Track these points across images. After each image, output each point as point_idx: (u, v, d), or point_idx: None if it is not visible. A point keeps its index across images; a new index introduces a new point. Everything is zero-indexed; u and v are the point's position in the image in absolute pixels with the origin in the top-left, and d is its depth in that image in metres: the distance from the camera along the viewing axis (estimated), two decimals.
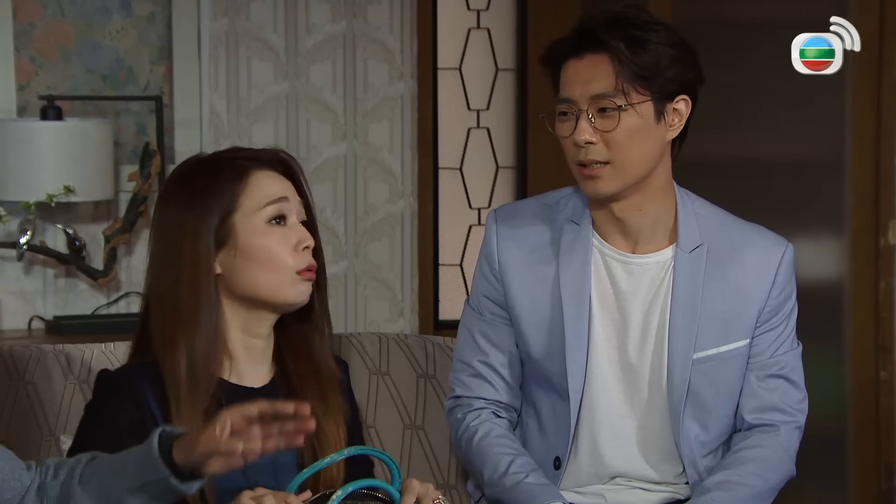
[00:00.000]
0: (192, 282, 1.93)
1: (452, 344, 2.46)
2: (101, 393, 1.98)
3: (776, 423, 2.20)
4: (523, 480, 2.13)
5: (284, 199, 1.98)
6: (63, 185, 3.43)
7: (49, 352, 2.33)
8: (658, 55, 2.09)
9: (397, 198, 3.86)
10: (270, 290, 1.96)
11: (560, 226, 2.20)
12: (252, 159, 1.99)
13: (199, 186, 1.96)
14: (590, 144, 2.10)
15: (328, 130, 3.80)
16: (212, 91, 3.70)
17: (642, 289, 2.17)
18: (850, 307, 3.96)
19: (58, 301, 3.61)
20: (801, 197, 3.95)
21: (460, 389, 2.25)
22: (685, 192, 2.22)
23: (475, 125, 3.98)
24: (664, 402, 2.16)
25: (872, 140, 3.94)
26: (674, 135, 2.15)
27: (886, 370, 4.01)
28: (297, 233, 1.97)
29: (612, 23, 2.10)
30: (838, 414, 3.97)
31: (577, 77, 2.11)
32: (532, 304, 2.19)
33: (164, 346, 1.94)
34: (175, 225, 1.96)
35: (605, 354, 2.17)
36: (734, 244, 2.19)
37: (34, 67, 3.61)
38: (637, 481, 2.19)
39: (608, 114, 2.09)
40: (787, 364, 2.21)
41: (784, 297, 2.21)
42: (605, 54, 2.09)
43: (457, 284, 3.98)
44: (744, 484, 2.15)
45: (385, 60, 3.83)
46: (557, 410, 2.18)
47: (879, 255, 3.97)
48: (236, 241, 1.95)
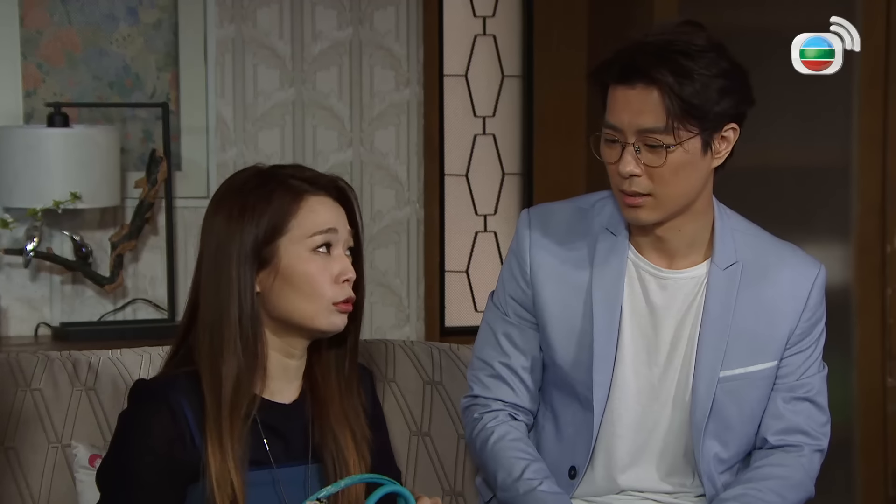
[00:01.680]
0: (239, 298, 1.93)
1: (459, 350, 2.46)
2: (136, 403, 1.96)
3: (800, 445, 2.18)
4: (537, 488, 2.12)
5: (333, 231, 1.97)
6: (70, 191, 3.43)
7: (56, 358, 2.33)
8: (708, 87, 2.03)
9: (403, 204, 3.86)
10: (305, 317, 1.96)
11: (596, 233, 2.17)
12: (309, 182, 1.99)
13: (252, 201, 1.95)
14: (634, 177, 2.07)
15: (334, 137, 3.81)
16: (218, 98, 3.70)
17: (676, 304, 2.15)
18: (857, 314, 3.96)
19: (64, 308, 3.61)
20: (809, 204, 3.95)
21: (478, 389, 2.23)
22: (723, 208, 2.19)
23: (481, 132, 3.98)
24: (686, 417, 2.14)
25: (879, 148, 3.94)
26: (720, 162, 2.11)
27: (893, 377, 4.00)
28: (340, 264, 1.97)
29: (659, 53, 2.04)
30: (845, 421, 3.96)
31: (626, 106, 2.05)
32: (562, 312, 2.17)
33: (212, 360, 1.93)
34: (223, 235, 1.96)
35: (633, 368, 2.15)
36: (768, 263, 2.17)
37: (41, 74, 3.61)
38: (650, 493, 2.18)
39: (655, 150, 2.05)
40: (814, 387, 2.19)
41: (815, 320, 2.19)
42: (656, 88, 2.03)
43: (463, 291, 3.98)
44: (762, 499, 2.13)
45: (391, 67, 3.83)
46: (578, 419, 2.16)
47: (886, 262, 3.96)
48: (278, 265, 1.95)
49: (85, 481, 2.24)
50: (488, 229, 3.99)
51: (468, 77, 3.96)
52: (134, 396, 1.97)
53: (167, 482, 1.90)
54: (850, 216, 3.97)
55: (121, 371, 2.34)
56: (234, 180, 2.00)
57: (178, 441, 1.89)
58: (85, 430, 2.28)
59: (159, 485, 1.90)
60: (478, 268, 3.97)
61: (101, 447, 2.26)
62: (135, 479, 1.90)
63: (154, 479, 1.90)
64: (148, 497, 1.90)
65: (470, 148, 3.97)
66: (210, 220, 1.98)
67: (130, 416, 1.95)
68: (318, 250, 1.96)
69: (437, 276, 3.91)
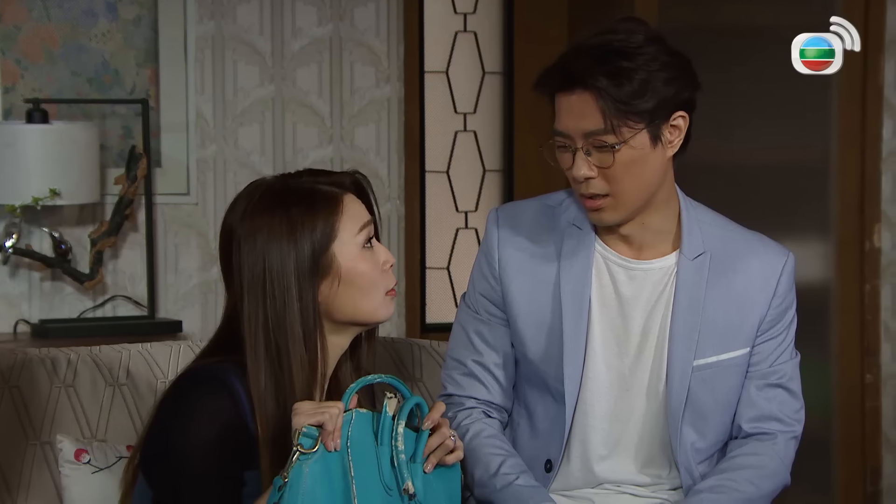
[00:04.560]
0: (302, 314, 1.95)
1: (439, 347, 2.46)
2: (195, 387, 1.94)
3: (773, 432, 2.19)
4: (514, 482, 2.13)
5: (370, 223, 2.02)
6: (49, 188, 3.42)
7: (34, 355, 2.32)
8: (648, 82, 2.06)
9: (384, 201, 3.86)
10: (368, 312, 2.01)
11: (563, 229, 2.19)
12: (336, 185, 2.02)
13: (296, 215, 1.96)
14: (589, 179, 2.10)
15: (314, 134, 3.80)
16: (198, 94, 3.70)
17: (644, 294, 2.17)
18: (836, 311, 3.98)
19: (43, 304, 3.60)
20: (789, 202, 3.96)
21: (452, 388, 2.24)
22: (689, 200, 2.21)
23: (462, 128, 3.98)
24: (661, 408, 2.16)
25: (858, 146, 3.96)
26: (674, 151, 2.13)
27: (872, 373, 4.02)
28: (382, 253, 2.03)
29: (596, 57, 2.06)
30: (824, 417, 3.98)
31: (570, 113, 2.09)
32: (531, 307, 2.19)
33: (276, 379, 1.94)
34: (274, 254, 1.96)
35: (603, 359, 2.17)
36: (737, 252, 2.19)
37: (19, 70, 3.60)
38: (627, 486, 2.19)
39: (603, 150, 2.08)
40: (787, 373, 2.21)
41: (785, 306, 2.20)
42: (590, 93, 2.06)
43: (444, 288, 3.98)
44: (736, 489, 2.14)
45: (371, 64, 3.82)
46: (551, 413, 2.18)
47: (865, 259, 3.98)
48: (339, 270, 1.98)
49: (70, 476, 2.23)
50: (469, 226, 3.99)
51: (449, 73, 3.96)
52: (189, 382, 1.95)
53: (226, 468, 1.91)
54: (829, 214, 3.98)
55: (100, 368, 2.33)
56: (258, 199, 1.99)
57: (238, 426, 1.91)
58: (64, 427, 2.28)
59: (220, 471, 1.91)
60: (459, 264, 3.97)
61: (84, 442, 2.25)
62: (195, 467, 1.90)
63: (214, 466, 1.90)
64: (209, 484, 1.90)
65: (451, 144, 3.97)
66: (249, 243, 1.96)
67: (185, 401, 1.94)
68: (365, 246, 2.00)
69: (417, 272, 3.92)
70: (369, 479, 1.88)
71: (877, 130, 3.97)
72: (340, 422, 1.86)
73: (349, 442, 1.87)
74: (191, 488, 1.90)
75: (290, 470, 1.83)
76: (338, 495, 1.85)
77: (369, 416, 1.91)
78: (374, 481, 1.89)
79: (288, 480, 1.83)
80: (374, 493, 1.88)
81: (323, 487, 1.84)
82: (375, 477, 1.89)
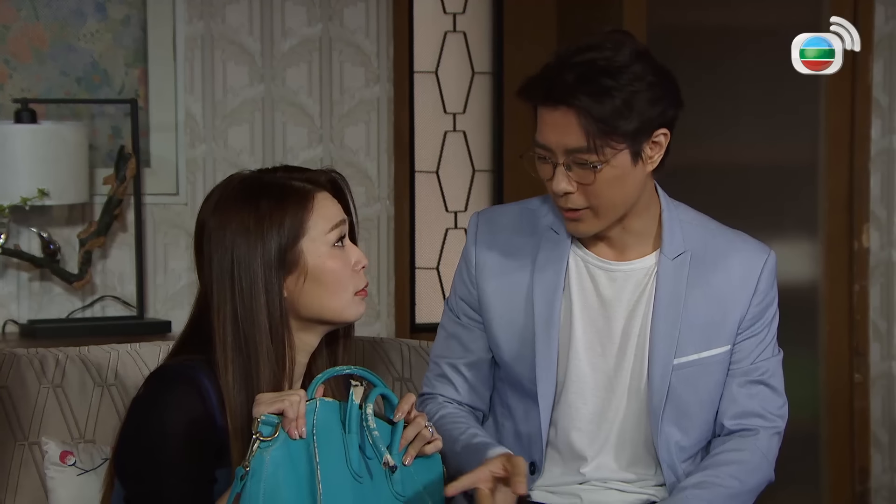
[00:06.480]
0: (268, 307, 1.95)
1: (428, 347, 2.47)
2: (162, 384, 1.95)
3: (756, 428, 2.20)
4: (472, 441, 2.14)
5: (343, 223, 2.02)
6: (37, 188, 3.41)
7: (23, 356, 2.32)
8: (632, 103, 2.04)
9: (374, 201, 3.86)
10: (335, 311, 2.00)
11: (541, 233, 2.20)
12: (310, 181, 2.02)
13: (265, 209, 1.97)
14: (568, 194, 2.10)
15: (304, 134, 3.80)
16: (187, 94, 3.69)
17: (626, 295, 2.17)
18: (825, 311, 3.98)
19: (32, 305, 3.60)
20: (777, 202, 3.97)
21: (427, 388, 2.28)
22: (671, 200, 2.22)
23: (451, 129, 3.98)
24: (642, 406, 2.17)
25: (846, 146, 3.97)
26: (653, 166, 2.13)
27: (860, 373, 4.03)
28: (353, 254, 2.02)
29: (580, 75, 2.04)
30: (813, 416, 3.99)
31: (553, 128, 2.08)
32: (504, 309, 2.20)
33: (244, 371, 1.94)
34: (241, 248, 1.96)
35: (589, 362, 2.17)
36: (717, 251, 2.19)
37: (8, 70, 3.59)
38: (613, 482, 2.20)
39: (584, 167, 2.07)
40: (768, 370, 2.21)
41: (766, 304, 2.21)
42: (573, 111, 2.05)
43: (433, 288, 3.98)
44: (721, 485, 2.15)
45: (361, 64, 3.82)
46: (531, 416, 2.19)
47: (853, 259, 3.99)
48: (306, 266, 1.98)
49: (56, 478, 2.23)
50: (459, 226, 3.99)
51: (438, 74, 3.96)
52: (157, 379, 1.96)
53: (196, 464, 1.91)
54: (817, 213, 3.99)
55: (89, 368, 2.33)
56: (230, 192, 2.00)
57: (207, 423, 1.91)
58: (52, 427, 2.27)
59: (190, 467, 1.90)
60: (448, 264, 3.97)
61: (70, 444, 2.25)
62: (164, 463, 1.90)
63: (184, 461, 1.90)
64: (179, 480, 1.90)
65: (440, 145, 3.97)
66: (218, 235, 1.97)
67: (155, 398, 1.94)
68: (336, 245, 2.00)
69: (407, 272, 3.92)
70: (335, 466, 1.87)
71: (865, 130, 3.98)
72: (303, 409, 1.85)
73: (315, 429, 1.86)
74: (160, 482, 1.90)
75: (252, 458, 1.82)
76: (302, 481, 1.84)
77: (335, 405, 1.91)
78: (340, 468, 1.88)
79: (249, 469, 1.82)
80: (341, 480, 1.87)
81: (286, 473, 1.83)
82: (342, 464, 1.88)
